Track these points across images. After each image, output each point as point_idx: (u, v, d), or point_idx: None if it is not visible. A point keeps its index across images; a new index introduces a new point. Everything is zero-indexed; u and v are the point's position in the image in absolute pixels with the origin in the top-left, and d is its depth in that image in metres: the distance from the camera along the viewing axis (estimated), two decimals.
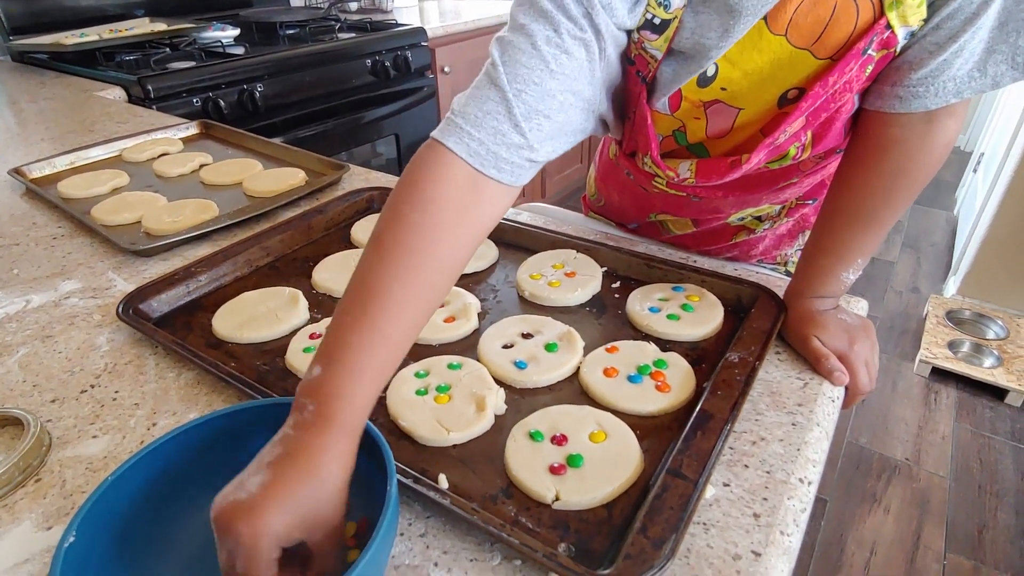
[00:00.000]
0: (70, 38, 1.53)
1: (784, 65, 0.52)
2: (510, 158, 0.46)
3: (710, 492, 0.43)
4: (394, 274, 0.40)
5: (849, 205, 0.56)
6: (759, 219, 0.78)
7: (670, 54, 0.53)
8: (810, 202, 0.77)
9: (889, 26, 0.47)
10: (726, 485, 0.43)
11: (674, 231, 0.81)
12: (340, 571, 0.32)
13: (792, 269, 0.81)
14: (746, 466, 0.45)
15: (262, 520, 0.32)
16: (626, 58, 0.55)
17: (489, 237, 0.76)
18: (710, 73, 0.54)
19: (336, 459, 0.35)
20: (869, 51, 0.49)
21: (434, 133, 0.46)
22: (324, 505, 0.34)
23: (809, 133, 0.58)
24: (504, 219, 0.78)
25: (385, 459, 0.36)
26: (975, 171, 2.69)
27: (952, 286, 2.19)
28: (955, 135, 0.52)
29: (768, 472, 0.44)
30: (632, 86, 0.58)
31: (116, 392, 0.54)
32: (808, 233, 0.74)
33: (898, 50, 0.50)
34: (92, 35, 1.56)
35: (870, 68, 0.51)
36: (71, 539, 0.33)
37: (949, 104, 0.49)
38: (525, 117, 0.45)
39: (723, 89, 0.55)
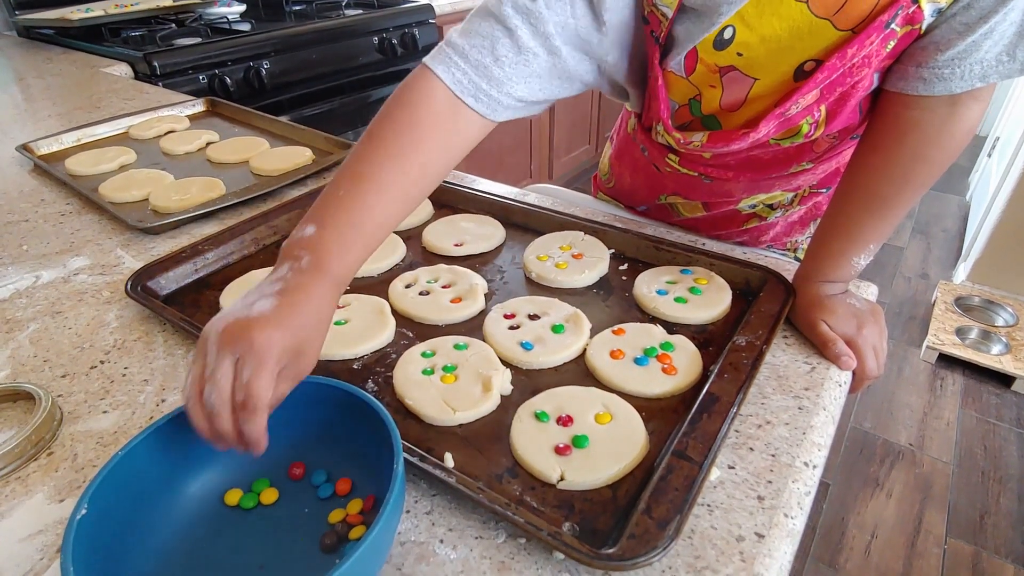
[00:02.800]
0: (76, 13, 1.52)
1: (803, 34, 0.50)
2: (489, 91, 0.49)
3: (715, 474, 0.43)
4: (382, 162, 0.47)
5: (864, 188, 0.55)
6: (771, 207, 0.77)
7: (682, 11, 0.53)
8: (823, 190, 0.75)
9: (915, 0, 0.46)
10: (731, 468, 0.43)
11: (684, 214, 0.80)
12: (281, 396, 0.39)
13: (801, 256, 0.81)
14: (751, 449, 0.45)
15: (277, 332, 0.37)
16: (641, 18, 0.55)
17: (496, 218, 0.76)
18: (727, 36, 0.53)
19: (327, 303, 0.42)
20: (892, 25, 0.47)
21: (426, 59, 0.51)
22: (313, 335, 0.40)
23: (823, 108, 0.56)
24: (511, 200, 0.77)
25: (392, 438, 0.36)
26: (989, 156, 2.65)
27: (962, 272, 2.17)
28: (978, 120, 0.51)
29: (773, 455, 0.44)
30: (648, 48, 0.58)
31: (125, 368, 0.55)
32: (819, 221, 0.73)
33: (923, 28, 0.48)
34: (97, 10, 1.55)
35: (892, 43, 0.49)
36: (83, 511, 0.33)
37: (974, 88, 0.48)
38: (515, 51, 0.49)
39: (739, 55, 0.53)
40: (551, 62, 0.51)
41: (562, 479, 0.42)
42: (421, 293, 0.63)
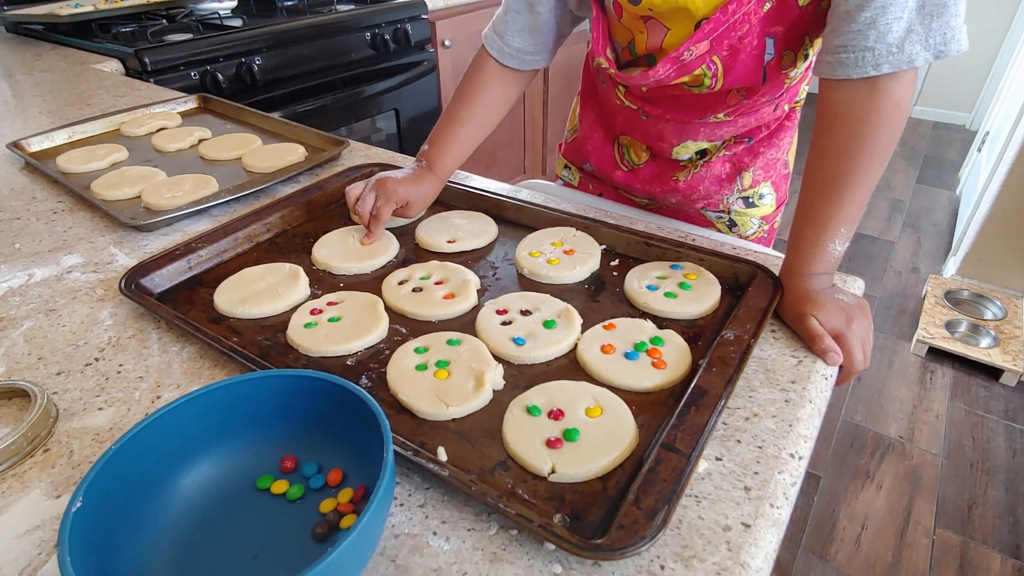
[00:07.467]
0: (64, 8, 1.51)
1: None
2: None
3: (703, 466, 0.44)
4: (461, 102, 0.78)
5: (819, 172, 0.59)
6: (700, 155, 0.83)
7: None
8: (745, 140, 0.82)
9: None
10: (719, 459, 0.44)
11: (634, 161, 0.88)
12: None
13: (735, 218, 0.87)
14: (739, 441, 0.46)
15: (401, 187, 0.71)
16: None
17: (489, 214, 0.77)
18: None
19: (430, 186, 0.75)
20: None
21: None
22: (419, 198, 0.73)
23: (718, 61, 0.66)
24: (503, 196, 0.78)
25: (381, 428, 0.37)
26: (979, 150, 2.67)
27: (952, 266, 2.19)
28: (904, 99, 0.55)
29: (760, 447, 0.45)
30: None
31: (120, 365, 0.55)
32: (745, 176, 0.83)
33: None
34: (87, 5, 1.54)
35: (768, 5, 0.61)
36: (78, 504, 0.34)
37: (881, 73, 0.53)
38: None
39: (650, 9, 0.65)
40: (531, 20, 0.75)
41: (553, 472, 0.43)
42: (414, 290, 0.63)
